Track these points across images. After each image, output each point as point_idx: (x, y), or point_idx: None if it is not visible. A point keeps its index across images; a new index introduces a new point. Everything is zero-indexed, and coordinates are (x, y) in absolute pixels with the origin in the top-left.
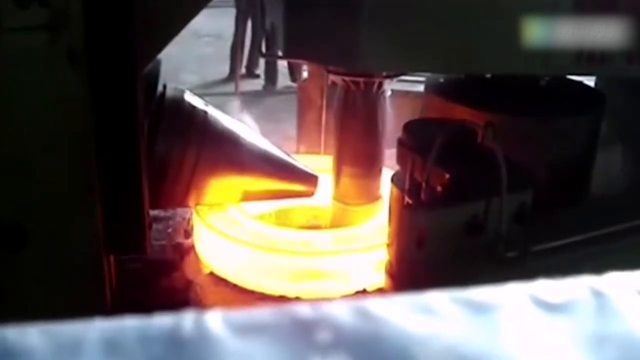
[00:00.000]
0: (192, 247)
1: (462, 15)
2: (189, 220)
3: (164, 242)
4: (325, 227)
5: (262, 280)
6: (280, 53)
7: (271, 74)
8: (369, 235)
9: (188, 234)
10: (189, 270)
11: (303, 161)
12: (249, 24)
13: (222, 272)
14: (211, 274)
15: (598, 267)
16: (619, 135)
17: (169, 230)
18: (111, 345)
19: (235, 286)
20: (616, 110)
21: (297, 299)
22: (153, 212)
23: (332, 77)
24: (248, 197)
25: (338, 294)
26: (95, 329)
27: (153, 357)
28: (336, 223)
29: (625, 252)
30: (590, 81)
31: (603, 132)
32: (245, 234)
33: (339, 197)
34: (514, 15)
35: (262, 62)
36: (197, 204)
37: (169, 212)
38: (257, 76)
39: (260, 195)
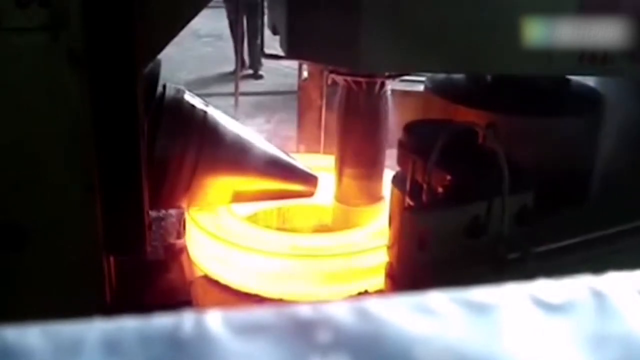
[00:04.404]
0: (185, 247)
1: (464, 16)
2: (181, 220)
3: (156, 243)
4: (327, 228)
5: (258, 283)
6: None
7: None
8: (365, 239)
9: (180, 234)
10: (182, 271)
11: (303, 160)
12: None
13: (217, 274)
14: (205, 276)
15: (600, 268)
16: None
17: (161, 231)
18: (111, 345)
19: (229, 288)
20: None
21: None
22: None
23: (334, 77)
24: (247, 197)
25: (332, 296)
26: (95, 329)
27: (153, 357)
28: (338, 224)
29: (627, 253)
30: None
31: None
32: (238, 236)
33: (340, 198)
34: (516, 16)
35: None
36: (193, 204)
37: (161, 213)
38: (260, 77)
39: (260, 196)
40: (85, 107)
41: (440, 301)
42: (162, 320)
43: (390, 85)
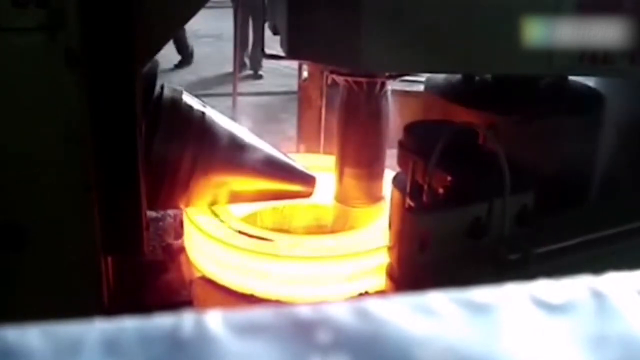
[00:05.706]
0: (183, 248)
1: (464, 16)
2: (179, 220)
3: (154, 244)
4: (327, 229)
5: (256, 284)
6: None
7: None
8: (362, 239)
9: (178, 234)
10: (181, 272)
11: (303, 160)
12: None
13: (214, 274)
14: (203, 276)
15: (600, 268)
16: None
17: (159, 231)
18: (111, 346)
19: (227, 289)
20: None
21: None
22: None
23: (334, 78)
24: (246, 197)
25: (330, 297)
26: (95, 329)
27: (153, 357)
28: (338, 224)
29: (627, 254)
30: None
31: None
32: (235, 237)
33: (340, 198)
34: (516, 16)
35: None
36: (191, 204)
37: (159, 213)
38: (260, 77)
39: (258, 196)
40: (83, 107)
41: (441, 301)
42: (162, 320)
43: (391, 85)
